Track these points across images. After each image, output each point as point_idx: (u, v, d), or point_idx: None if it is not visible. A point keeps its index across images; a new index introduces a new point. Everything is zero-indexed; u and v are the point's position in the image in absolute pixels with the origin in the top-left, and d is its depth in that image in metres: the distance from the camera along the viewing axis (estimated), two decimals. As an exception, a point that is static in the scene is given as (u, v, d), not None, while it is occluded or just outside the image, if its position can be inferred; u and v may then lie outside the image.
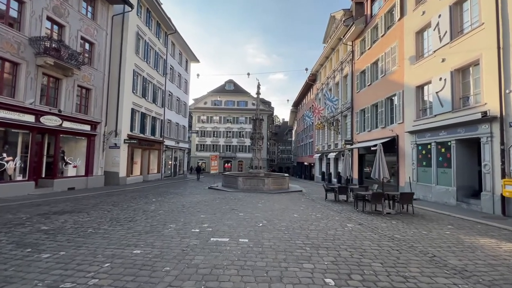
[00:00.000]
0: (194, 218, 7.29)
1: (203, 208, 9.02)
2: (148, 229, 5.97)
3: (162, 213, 8.02)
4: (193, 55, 30.68)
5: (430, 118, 11.77)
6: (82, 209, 8.32)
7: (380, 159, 9.18)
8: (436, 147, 11.33)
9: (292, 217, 7.90)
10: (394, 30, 15.20)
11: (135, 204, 9.74)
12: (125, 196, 11.96)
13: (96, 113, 15.06)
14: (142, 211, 8.22)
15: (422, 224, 7.27)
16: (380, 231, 6.43)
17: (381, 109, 16.35)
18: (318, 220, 7.53)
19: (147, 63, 20.66)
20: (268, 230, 6.15)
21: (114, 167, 16.99)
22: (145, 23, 20.21)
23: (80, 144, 14.49)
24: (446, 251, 4.93)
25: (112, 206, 9.07)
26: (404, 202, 8.65)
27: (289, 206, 10.09)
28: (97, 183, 15.01)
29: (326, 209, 9.48)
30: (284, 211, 8.91)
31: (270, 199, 11.94)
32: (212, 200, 11.14)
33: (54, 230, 5.71)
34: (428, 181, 11.83)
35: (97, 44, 15.09)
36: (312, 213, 8.69)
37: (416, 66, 12.94)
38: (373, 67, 17.85)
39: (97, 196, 11.57)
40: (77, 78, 13.63)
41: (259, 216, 7.90)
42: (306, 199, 12.34)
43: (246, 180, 16.00)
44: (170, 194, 13.01)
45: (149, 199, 11.01)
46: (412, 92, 13.19)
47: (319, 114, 25.94)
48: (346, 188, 11.32)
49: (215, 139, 47.77)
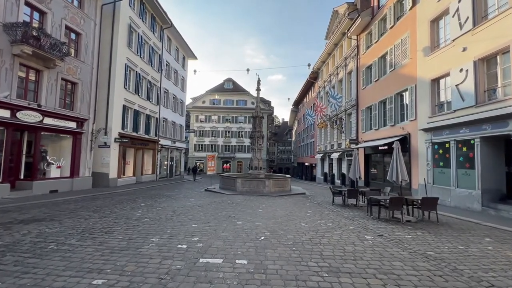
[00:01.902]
0: (183, 229, 6.15)
1: (196, 215, 7.88)
2: (124, 245, 4.84)
3: (148, 221, 6.89)
4: (190, 51, 29.51)
5: (448, 114, 10.66)
6: (55, 216, 7.18)
7: (398, 160, 8.07)
8: (456, 146, 10.22)
9: (299, 226, 6.77)
10: (405, 20, 14.11)
11: (119, 209, 8.60)
12: (111, 199, 10.81)
13: (83, 109, 13.90)
14: (125, 219, 7.08)
15: (453, 236, 6.15)
16: (407, 245, 5.31)
17: (390, 105, 15.25)
18: (330, 230, 6.41)
19: (141, 57, 19.50)
20: (272, 246, 5.02)
21: (103, 168, 15.83)
22: (138, 15, 19.06)
23: (65, 143, 13.33)
24: (503, 277, 3.81)
25: (92, 212, 7.93)
26: (426, 208, 7.52)
27: (293, 211, 8.96)
28: (84, 185, 13.85)
29: (336, 216, 8.35)
30: (289, 218, 7.79)
31: (271, 203, 10.81)
32: (208, 205, 10.01)
33: (5, 247, 4.57)
34: (446, 183, 10.72)
35: (84, 34, 13.94)
36: (321, 220, 7.56)
37: (431, 57, 11.85)
38: (380, 61, 16.75)
39: (80, 200, 10.42)
40: (61, 70, 12.48)
41: (260, 225, 6.77)
42: (311, 203, 11.22)
43: (245, 181, 14.86)
44: (162, 198, 11.87)
45: (137, 204, 9.87)
46: (426, 86, 12.09)
47: (321, 112, 24.85)
48: (356, 192, 10.20)
49: (213, 139, 46.54)
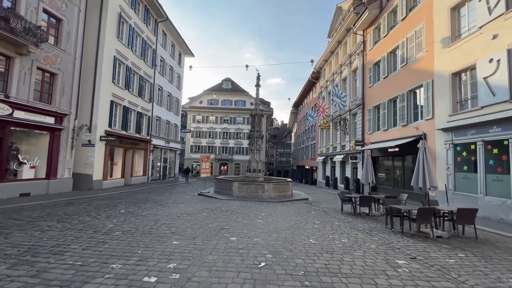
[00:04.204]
0: (159, 248, 4.75)
1: (181, 227, 6.48)
2: (68, 277, 3.44)
3: (118, 236, 5.49)
4: (187, 48, 28.17)
5: (474, 111, 9.37)
6: (5, 227, 5.77)
7: (424, 162, 6.72)
8: (485, 147, 8.92)
9: (308, 244, 5.39)
10: (419, 10, 12.87)
11: (91, 218, 7.19)
12: (88, 205, 9.38)
13: (63, 103, 12.50)
14: (91, 232, 5.68)
15: (508, 261, 4.79)
16: (456, 275, 3.96)
17: (401, 104, 13.96)
18: (348, 250, 5.04)
19: (132, 51, 18.15)
20: (276, 278, 3.64)
21: (87, 169, 14.38)
22: (130, 6, 17.73)
23: (40, 140, 11.90)
24: None
25: (55, 222, 6.52)
26: (462, 222, 6.17)
27: (298, 222, 7.58)
28: (62, 188, 12.40)
29: (350, 228, 6.99)
30: (294, 232, 6.41)
31: (272, 211, 9.43)
32: (198, 213, 8.61)
33: None
34: (472, 190, 9.39)
35: (66, 21, 12.58)
36: (334, 235, 6.19)
37: (451, 49, 10.60)
38: (390, 56, 15.51)
39: (50, 206, 8.99)
40: (37, 58, 11.10)
41: (260, 242, 5.38)
42: (317, 211, 9.85)
43: (242, 185, 13.47)
44: (148, 203, 10.45)
45: (116, 211, 8.45)
46: (446, 80, 10.82)
47: (323, 112, 23.54)
48: (369, 199, 8.83)
49: (211, 140, 45.08)
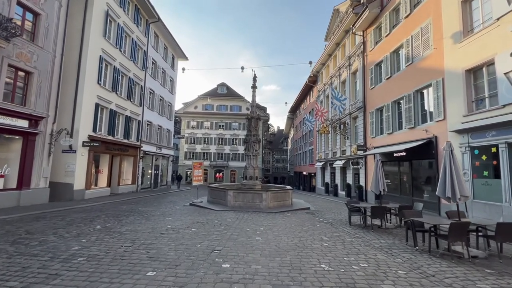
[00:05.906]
0: (128, 284, 3.59)
1: (162, 249, 5.32)
2: None
3: (80, 264, 4.31)
4: (180, 51, 27.22)
5: (494, 111, 8.48)
6: None
7: (452, 168, 5.68)
8: (508, 150, 7.99)
9: (321, 273, 4.28)
10: (425, 5, 12.13)
11: (57, 237, 5.99)
12: (61, 219, 8.14)
13: (39, 105, 11.30)
14: (46, 259, 4.49)
15: None
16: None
17: (407, 105, 13.09)
18: (373, 282, 3.93)
19: (121, 51, 17.10)
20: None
21: (67, 178, 13.10)
22: (118, 4, 16.75)
23: (12, 146, 10.66)
24: None
25: (8, 245, 5.30)
26: (503, 239, 5.14)
27: (304, 239, 6.47)
28: (37, 199, 11.10)
29: (365, 246, 5.90)
30: (301, 254, 5.29)
31: (271, 225, 8.30)
32: (187, 228, 7.44)
33: None
34: (495, 198, 8.42)
35: (45, 15, 11.51)
36: (349, 257, 5.09)
37: (463, 44, 9.79)
38: (393, 56, 14.73)
39: (15, 221, 7.72)
40: (8, 54, 9.97)
41: (260, 271, 4.26)
42: (322, 223, 8.75)
43: (238, 194, 12.32)
44: (132, 216, 9.24)
45: (91, 226, 7.24)
46: (459, 78, 9.97)
47: (322, 116, 22.65)
48: (383, 209, 7.77)
49: (205, 146, 43.81)
